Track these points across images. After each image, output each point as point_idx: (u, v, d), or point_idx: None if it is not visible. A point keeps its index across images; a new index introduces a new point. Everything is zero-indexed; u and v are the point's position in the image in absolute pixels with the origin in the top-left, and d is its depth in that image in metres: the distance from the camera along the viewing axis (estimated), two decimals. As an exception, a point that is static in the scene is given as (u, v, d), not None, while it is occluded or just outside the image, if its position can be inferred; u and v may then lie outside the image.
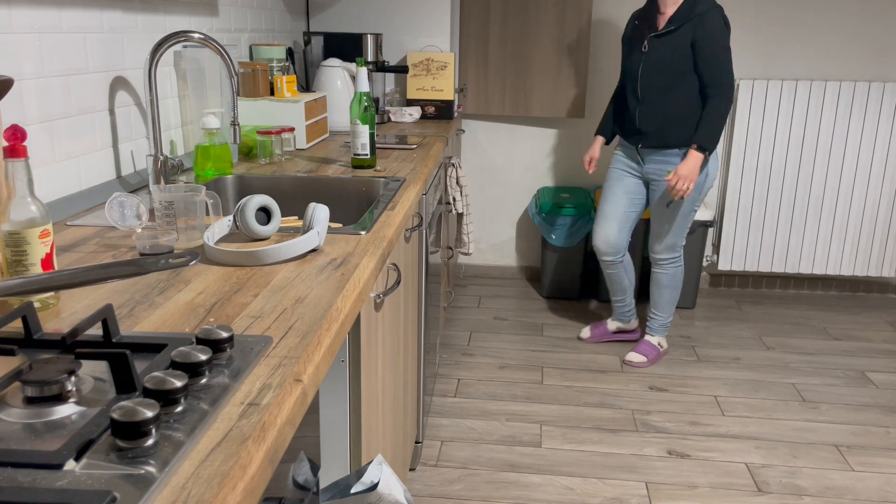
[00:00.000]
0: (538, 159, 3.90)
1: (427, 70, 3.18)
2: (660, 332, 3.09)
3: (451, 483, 2.25)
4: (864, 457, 2.42)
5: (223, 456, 0.67)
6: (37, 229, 0.99)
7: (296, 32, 3.16)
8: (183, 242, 1.34)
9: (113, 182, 1.70)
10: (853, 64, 3.60)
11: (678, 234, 2.90)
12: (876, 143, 3.58)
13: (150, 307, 1.03)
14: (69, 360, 0.76)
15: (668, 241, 2.91)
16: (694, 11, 2.62)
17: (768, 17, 3.58)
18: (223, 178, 1.90)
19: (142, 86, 1.83)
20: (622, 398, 2.77)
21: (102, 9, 1.65)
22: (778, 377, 2.96)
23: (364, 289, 1.18)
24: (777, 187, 3.67)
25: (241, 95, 2.35)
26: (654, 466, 2.35)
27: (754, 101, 3.58)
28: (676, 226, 2.88)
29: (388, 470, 1.02)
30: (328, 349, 0.95)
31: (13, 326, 0.94)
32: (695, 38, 2.63)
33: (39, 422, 0.71)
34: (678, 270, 2.99)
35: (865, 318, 3.58)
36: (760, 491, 2.23)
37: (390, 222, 1.50)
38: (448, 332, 3.32)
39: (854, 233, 3.70)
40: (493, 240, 4.04)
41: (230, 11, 2.41)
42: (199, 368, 0.80)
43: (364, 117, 2.02)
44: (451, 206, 2.97)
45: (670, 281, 2.99)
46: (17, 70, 1.37)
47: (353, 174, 1.98)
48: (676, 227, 2.88)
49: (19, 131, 0.95)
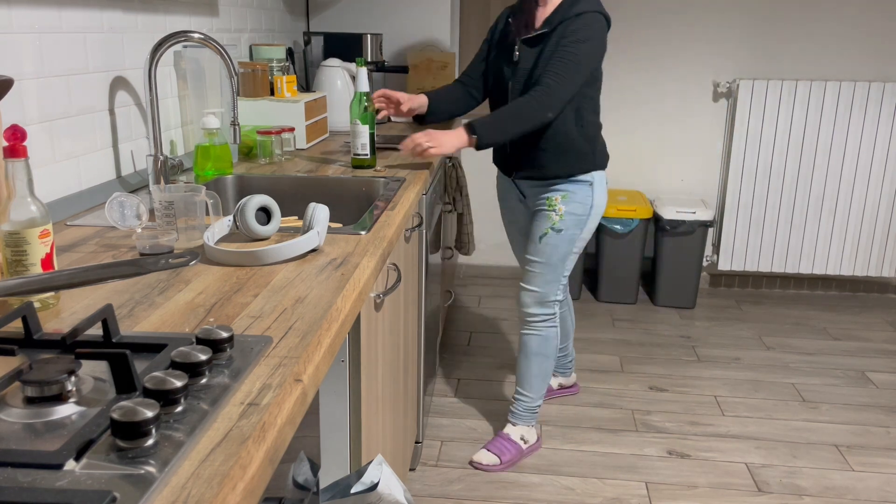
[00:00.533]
0: (538, 159, 3.89)
1: (427, 70, 3.18)
2: (524, 418, 2.40)
3: (451, 483, 2.25)
4: (864, 457, 2.42)
5: (223, 456, 0.67)
6: (37, 229, 0.99)
7: (296, 32, 3.16)
8: (183, 242, 1.34)
9: (113, 182, 1.70)
10: (853, 64, 3.60)
11: (551, 282, 2.25)
12: (876, 143, 3.58)
13: (150, 307, 1.03)
14: (69, 360, 0.76)
15: (538, 290, 2.26)
16: (572, 10, 2.06)
17: (768, 17, 3.58)
18: (223, 178, 1.90)
19: (142, 86, 1.83)
20: (622, 398, 2.77)
21: (102, 9, 1.65)
22: (778, 377, 2.96)
23: (364, 289, 1.18)
24: (777, 187, 3.67)
25: (241, 95, 2.35)
26: (654, 466, 2.35)
27: (754, 101, 3.58)
28: (549, 270, 2.23)
29: (388, 470, 1.02)
30: (328, 349, 0.95)
31: (13, 326, 0.94)
32: (559, 39, 2.06)
33: (39, 422, 0.71)
34: (552, 332, 2.31)
35: (865, 318, 3.58)
36: (760, 491, 2.23)
37: (390, 222, 1.50)
38: (448, 332, 3.33)
39: (854, 233, 3.70)
40: (493, 240, 4.04)
41: (230, 11, 2.41)
42: (199, 368, 0.80)
43: (364, 117, 2.02)
44: (451, 206, 2.97)
45: (540, 346, 2.31)
46: (17, 70, 1.37)
47: (353, 174, 1.98)
48: (549, 273, 2.23)
49: (19, 131, 0.95)
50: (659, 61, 3.68)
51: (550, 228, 2.21)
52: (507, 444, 2.36)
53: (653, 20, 3.63)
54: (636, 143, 3.81)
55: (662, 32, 3.64)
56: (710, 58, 3.66)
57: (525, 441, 2.39)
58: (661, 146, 3.80)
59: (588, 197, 2.20)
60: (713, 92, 3.70)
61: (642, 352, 3.17)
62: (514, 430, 2.40)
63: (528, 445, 2.39)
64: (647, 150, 3.81)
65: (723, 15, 3.60)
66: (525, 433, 2.40)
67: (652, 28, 3.64)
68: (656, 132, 3.78)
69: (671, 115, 3.75)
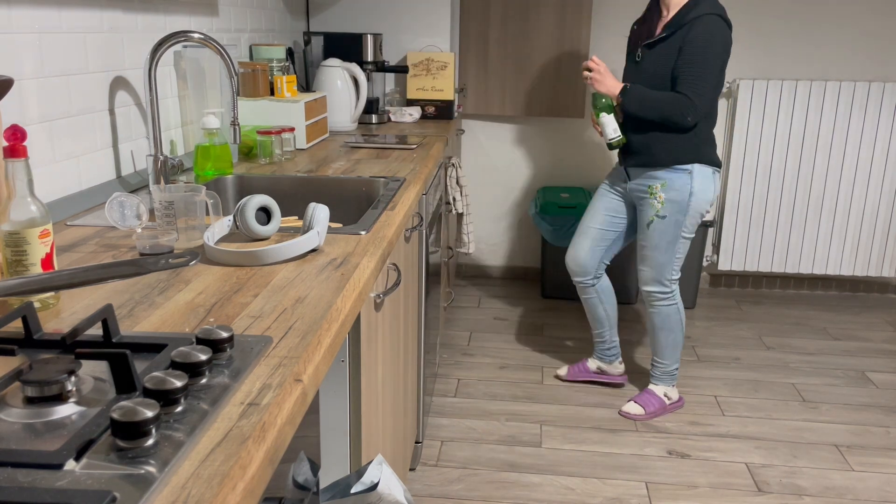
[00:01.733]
0: (538, 159, 3.90)
1: (427, 70, 3.18)
2: (664, 380, 2.67)
3: (451, 483, 2.25)
4: (864, 457, 2.42)
5: (223, 456, 0.67)
6: (37, 229, 0.99)
7: (296, 32, 3.16)
8: (183, 242, 1.34)
9: (113, 182, 1.70)
10: (853, 64, 3.60)
11: (665, 263, 2.50)
12: (876, 143, 3.58)
13: (150, 307, 1.03)
14: (69, 360, 0.76)
15: (653, 271, 2.52)
16: (689, 15, 2.29)
17: (769, 17, 3.58)
18: (223, 178, 1.90)
19: (142, 86, 1.83)
20: (622, 398, 2.77)
21: (102, 9, 1.65)
22: (778, 377, 2.96)
23: (364, 289, 1.18)
24: (777, 187, 3.67)
25: (241, 95, 2.35)
26: (654, 466, 2.35)
27: (754, 101, 3.58)
28: (662, 253, 2.48)
29: (388, 470, 1.02)
30: (328, 349, 0.95)
31: (13, 326, 0.94)
32: (682, 45, 2.30)
33: (39, 422, 0.71)
34: (672, 310, 2.57)
35: (865, 318, 3.58)
36: (760, 491, 2.23)
37: (390, 222, 1.50)
38: (448, 332, 3.32)
39: (854, 233, 3.70)
40: (494, 240, 4.04)
41: (230, 11, 2.41)
42: (199, 368, 0.80)
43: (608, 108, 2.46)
44: (451, 206, 2.97)
45: (662, 322, 2.59)
46: (17, 70, 1.37)
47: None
48: (662, 255, 2.48)
49: (19, 131, 0.95)
50: (659, 61, 3.68)
51: (655, 216, 2.46)
52: (651, 398, 2.65)
53: (653, 20, 3.63)
54: (636, 143, 3.80)
55: (662, 32, 3.64)
56: (710, 58, 3.65)
57: (668, 398, 2.68)
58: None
59: (687, 185, 2.41)
60: (713, 92, 3.70)
61: (642, 352, 3.17)
62: (657, 388, 2.69)
63: (672, 402, 2.68)
64: (647, 150, 3.81)
65: (723, 15, 3.60)
66: (668, 391, 2.69)
67: (652, 28, 3.63)
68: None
69: (671, 115, 3.74)
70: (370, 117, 3.01)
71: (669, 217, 2.44)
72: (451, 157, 2.97)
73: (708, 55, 2.27)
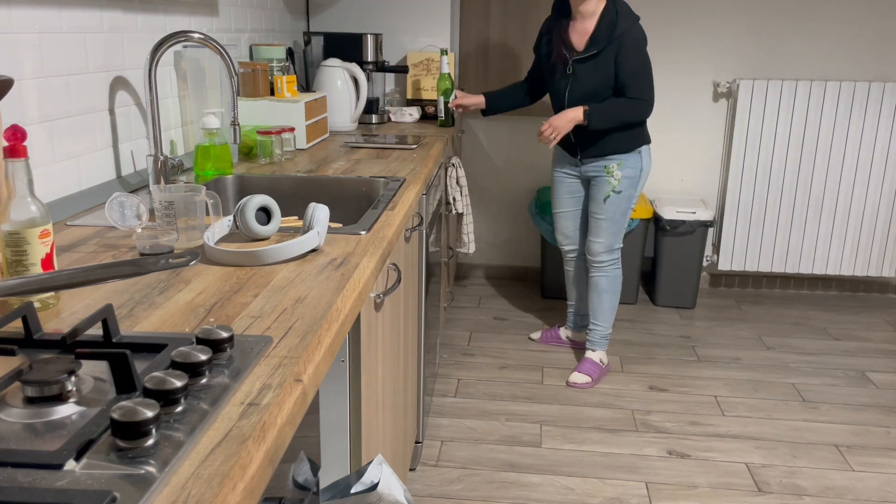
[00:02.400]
0: (538, 159, 3.90)
1: (427, 70, 3.18)
2: (600, 345, 2.96)
3: (451, 483, 2.25)
4: (864, 457, 2.42)
5: (223, 456, 0.67)
6: (37, 229, 0.99)
7: (296, 32, 3.16)
8: (183, 242, 1.34)
9: (113, 182, 1.70)
10: (853, 64, 3.60)
11: (616, 233, 2.83)
12: (876, 143, 3.58)
13: (150, 307, 1.03)
14: (69, 360, 0.76)
15: (605, 240, 2.83)
16: (615, 33, 2.55)
17: (769, 17, 3.58)
18: (223, 178, 1.90)
19: (142, 86, 1.83)
20: (622, 398, 2.77)
21: (102, 9, 1.65)
22: (778, 377, 2.96)
23: (364, 289, 1.18)
24: (777, 187, 3.67)
25: (241, 95, 2.35)
26: (654, 466, 2.35)
27: (754, 101, 3.58)
28: (613, 224, 2.80)
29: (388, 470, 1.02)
30: (328, 349, 0.95)
31: (13, 326, 0.94)
32: (617, 58, 2.57)
33: (39, 422, 0.71)
34: (617, 273, 2.90)
35: (865, 318, 3.58)
36: (760, 491, 2.23)
37: (390, 222, 1.50)
38: (448, 332, 3.32)
39: (854, 233, 3.70)
40: (493, 240, 4.04)
41: (230, 11, 2.41)
42: (200, 368, 0.80)
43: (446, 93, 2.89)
44: (451, 206, 2.97)
45: (609, 284, 2.89)
46: (17, 70, 1.37)
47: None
48: (613, 226, 2.81)
49: (19, 131, 0.95)
50: (659, 61, 3.68)
51: (612, 191, 2.77)
52: (592, 366, 2.91)
53: (653, 20, 3.63)
54: (636, 143, 3.80)
55: (662, 32, 3.64)
56: (710, 58, 3.66)
57: (602, 362, 2.95)
58: (661, 146, 3.80)
59: (638, 163, 2.76)
60: (713, 92, 3.70)
61: (642, 352, 3.17)
62: (594, 354, 2.95)
63: (605, 365, 2.96)
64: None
65: (723, 15, 3.60)
66: (602, 356, 2.96)
67: (652, 28, 3.64)
68: (656, 132, 3.78)
69: (671, 115, 3.75)
70: (370, 117, 3.01)
71: (624, 192, 2.76)
72: (451, 157, 2.97)
73: (643, 60, 2.60)
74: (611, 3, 2.59)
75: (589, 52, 2.59)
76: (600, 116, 2.61)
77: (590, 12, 2.60)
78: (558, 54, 2.68)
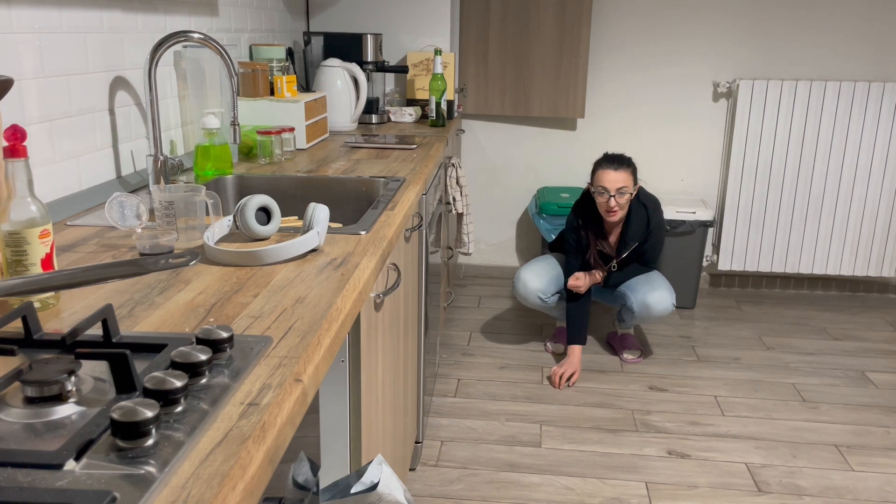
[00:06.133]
0: (538, 159, 3.89)
1: (427, 70, 3.18)
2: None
3: (451, 483, 2.25)
4: (864, 457, 2.42)
5: (223, 456, 0.67)
6: (37, 229, 0.99)
7: (296, 32, 3.16)
8: (183, 242, 1.34)
9: (113, 182, 1.70)
10: (853, 64, 3.60)
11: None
12: (876, 143, 3.58)
13: (150, 307, 1.03)
14: (69, 360, 0.76)
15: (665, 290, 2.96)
16: (651, 225, 2.82)
17: (768, 17, 3.58)
18: (223, 178, 1.90)
19: (142, 86, 1.83)
20: (622, 398, 2.77)
21: (102, 9, 1.65)
22: (778, 377, 2.96)
23: (364, 289, 1.18)
24: (777, 187, 3.67)
25: (241, 95, 2.35)
26: (654, 466, 2.35)
27: (754, 101, 3.58)
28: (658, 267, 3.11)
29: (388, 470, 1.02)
30: (328, 349, 0.95)
31: (13, 326, 0.94)
32: (648, 238, 2.86)
33: (39, 422, 0.71)
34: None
35: (865, 318, 3.58)
36: (760, 491, 2.23)
37: (390, 222, 1.50)
38: (448, 332, 3.32)
39: (854, 233, 3.70)
40: (493, 240, 4.04)
41: (230, 11, 2.41)
42: (199, 368, 0.80)
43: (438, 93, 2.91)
44: (451, 206, 2.97)
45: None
46: (17, 70, 1.37)
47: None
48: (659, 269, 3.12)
49: (19, 131, 0.95)
50: (659, 61, 3.68)
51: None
52: (636, 341, 3.13)
53: (653, 20, 3.63)
54: (636, 143, 3.81)
55: (663, 32, 3.64)
56: (710, 58, 3.66)
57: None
58: (661, 146, 3.80)
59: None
60: (713, 92, 3.70)
61: (642, 352, 3.17)
62: (630, 330, 3.20)
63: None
64: (647, 150, 3.81)
65: (723, 15, 3.60)
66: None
67: (652, 28, 3.64)
68: (656, 132, 3.78)
69: (671, 115, 3.75)
70: (370, 117, 3.01)
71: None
72: (451, 157, 2.97)
73: (664, 236, 2.94)
74: (635, 199, 2.80)
75: (629, 248, 2.86)
76: (618, 279, 2.94)
77: (621, 219, 2.84)
78: (597, 263, 2.90)
